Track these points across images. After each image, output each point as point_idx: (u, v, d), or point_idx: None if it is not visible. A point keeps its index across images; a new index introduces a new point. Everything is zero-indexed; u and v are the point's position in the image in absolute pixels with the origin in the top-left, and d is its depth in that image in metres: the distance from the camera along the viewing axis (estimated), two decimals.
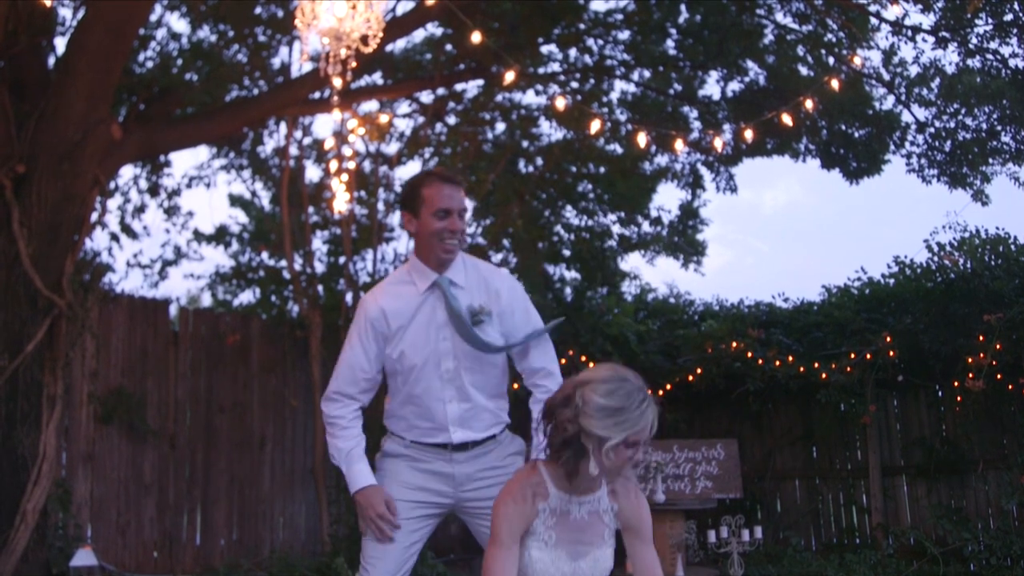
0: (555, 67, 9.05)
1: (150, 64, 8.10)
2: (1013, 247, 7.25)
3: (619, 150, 9.32)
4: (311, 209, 8.85)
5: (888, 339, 7.30)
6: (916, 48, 7.69)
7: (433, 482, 2.90)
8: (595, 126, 5.74)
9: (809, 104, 5.76)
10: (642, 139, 5.65)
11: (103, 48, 6.09)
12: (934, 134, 8.05)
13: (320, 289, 8.85)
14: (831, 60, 7.81)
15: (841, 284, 8.40)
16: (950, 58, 7.70)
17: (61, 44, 6.94)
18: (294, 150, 8.86)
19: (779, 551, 7.44)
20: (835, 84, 5.77)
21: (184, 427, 7.68)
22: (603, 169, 9.57)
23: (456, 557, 7.89)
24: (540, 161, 9.41)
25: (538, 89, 8.92)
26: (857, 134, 8.29)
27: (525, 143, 9.44)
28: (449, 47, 8.60)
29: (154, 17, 7.90)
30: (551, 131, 9.36)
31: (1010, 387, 6.92)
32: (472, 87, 9.11)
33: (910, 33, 7.40)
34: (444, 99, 9.09)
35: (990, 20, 7.01)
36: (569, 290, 10.15)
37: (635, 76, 8.97)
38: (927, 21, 7.34)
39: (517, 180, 9.29)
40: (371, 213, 9.00)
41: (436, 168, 5.15)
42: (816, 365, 7.45)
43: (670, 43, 8.59)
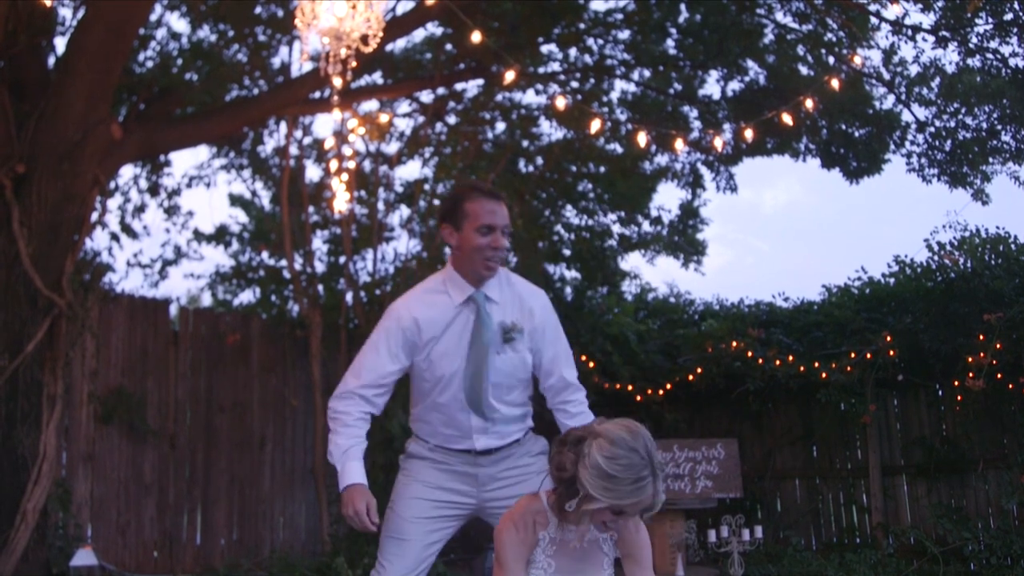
0: (555, 67, 9.05)
1: (150, 64, 8.10)
2: (1013, 246, 7.24)
3: (619, 150, 9.32)
4: (311, 209, 8.84)
5: (888, 338, 7.29)
6: (916, 47, 7.70)
7: (456, 482, 2.90)
8: (595, 126, 5.74)
9: (809, 103, 5.76)
10: (642, 139, 5.64)
11: (103, 48, 6.09)
12: (934, 133, 8.04)
13: (320, 289, 8.85)
14: (831, 59, 7.81)
15: (841, 284, 8.39)
16: (950, 57, 7.70)
17: (61, 44, 6.95)
18: (294, 150, 8.86)
19: (779, 551, 7.44)
20: (835, 83, 5.76)
21: (184, 427, 7.69)
22: (603, 169, 9.56)
23: (456, 557, 7.88)
24: (540, 161, 9.40)
25: (538, 89, 8.93)
26: (857, 133, 8.28)
27: (525, 143, 9.44)
28: (449, 47, 8.60)
29: (154, 17, 7.90)
30: (551, 131, 9.36)
31: (1010, 386, 6.91)
32: (472, 87, 9.12)
33: (910, 32, 7.40)
34: (444, 99, 9.09)
35: (990, 19, 7.00)
36: (569, 290, 10.14)
37: (635, 76, 8.97)
38: (927, 20, 7.34)
39: (517, 180, 9.28)
40: (371, 213, 8.99)
41: (479, 182, 5.09)
42: (816, 364, 7.45)
43: (670, 43, 8.59)
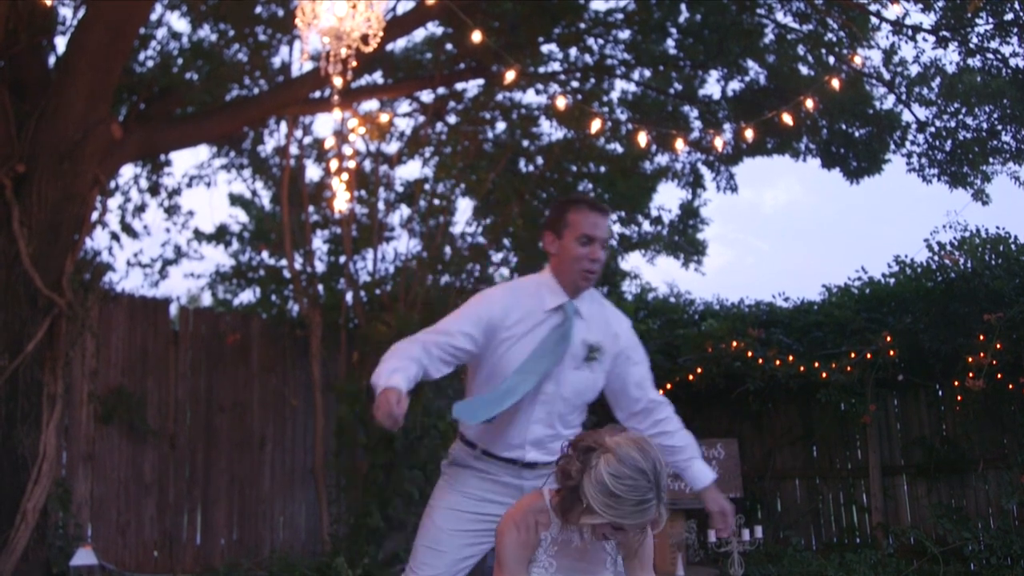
0: (555, 66, 9.05)
1: (150, 63, 8.09)
2: (1013, 246, 7.25)
3: (619, 149, 9.32)
4: (311, 208, 8.85)
5: (888, 338, 7.29)
6: (916, 47, 7.70)
7: (497, 495, 2.83)
8: (595, 125, 5.73)
9: (809, 103, 5.76)
10: (642, 138, 5.64)
11: (103, 47, 6.08)
12: (934, 133, 8.04)
13: (320, 288, 8.86)
14: (831, 59, 7.81)
15: (841, 283, 8.39)
16: (950, 57, 7.69)
17: (61, 44, 6.93)
18: (294, 149, 8.86)
19: (779, 550, 7.44)
20: (835, 83, 5.76)
21: (184, 427, 7.69)
22: (603, 168, 9.56)
23: None
24: (540, 160, 9.40)
25: (538, 88, 8.93)
26: (857, 133, 8.28)
27: (525, 142, 9.44)
28: (449, 46, 8.60)
29: (154, 16, 7.89)
30: (551, 130, 9.37)
31: (1010, 386, 6.92)
32: (472, 86, 9.12)
33: (910, 32, 7.40)
34: (444, 98, 9.09)
35: (990, 19, 7.00)
36: None
37: (635, 75, 8.97)
38: (927, 20, 7.34)
39: (517, 179, 9.28)
40: (371, 212, 9.00)
41: (586, 194, 5.04)
42: (816, 364, 7.44)
43: (670, 42, 8.59)
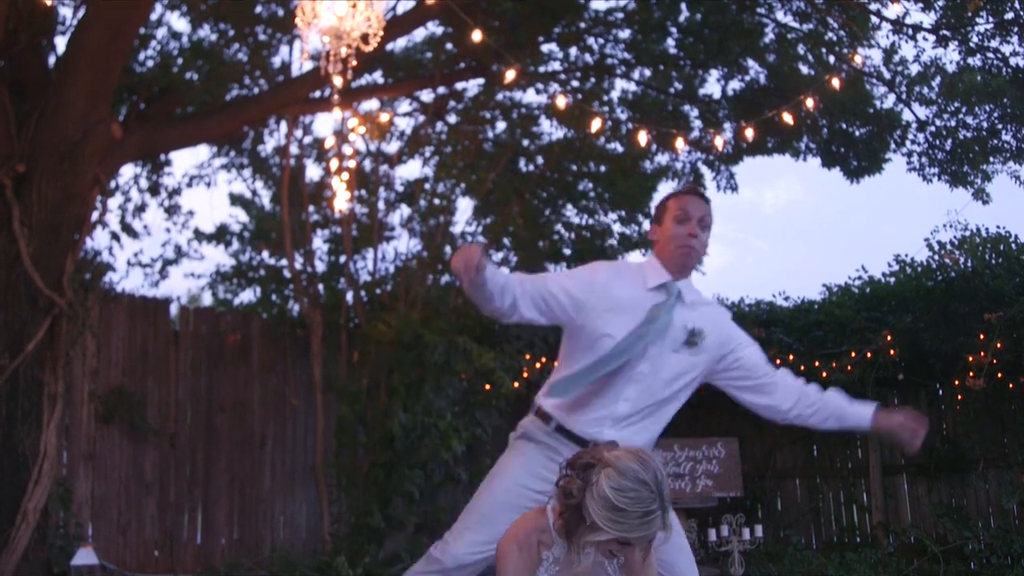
0: (555, 66, 9.05)
1: (150, 63, 8.09)
2: (1014, 246, 7.25)
3: (620, 149, 9.32)
4: (311, 208, 8.85)
5: (889, 338, 7.29)
6: (917, 47, 7.70)
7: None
8: (596, 125, 5.73)
9: (810, 103, 5.75)
10: (643, 138, 5.64)
11: (103, 47, 6.08)
12: (935, 133, 8.04)
13: (321, 288, 8.86)
14: (832, 59, 7.81)
15: (842, 283, 8.37)
16: (951, 57, 7.69)
17: (61, 43, 6.93)
18: (294, 149, 8.86)
19: (780, 550, 7.44)
20: (836, 83, 5.75)
21: (185, 426, 7.68)
22: (604, 168, 9.56)
23: None
24: (541, 160, 9.40)
25: (539, 88, 8.93)
26: (858, 133, 8.28)
27: (526, 142, 9.44)
28: (449, 46, 8.59)
29: (154, 16, 7.89)
30: (552, 130, 9.36)
31: (1011, 386, 6.92)
32: (473, 86, 9.11)
33: (911, 32, 7.40)
34: (445, 98, 9.09)
35: (991, 18, 7.00)
36: None
37: (636, 75, 8.97)
38: (928, 20, 7.34)
39: (518, 179, 9.28)
40: (371, 212, 9.00)
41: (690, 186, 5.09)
42: (817, 364, 7.44)
43: (671, 42, 8.58)
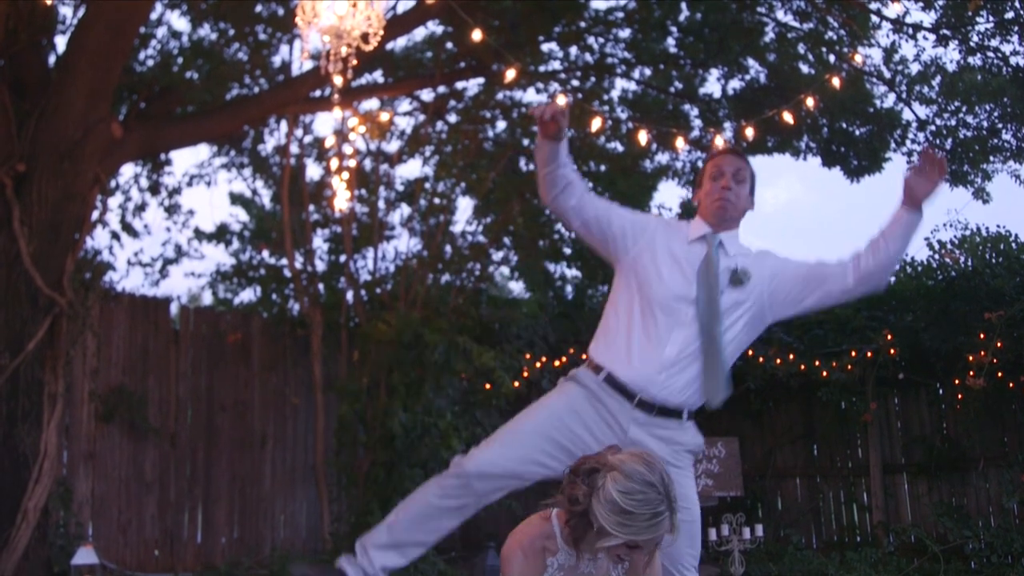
0: (556, 65, 9.04)
1: (151, 63, 8.08)
2: (1014, 245, 7.27)
3: (620, 148, 9.31)
4: (312, 207, 8.84)
5: (889, 337, 7.29)
6: (917, 46, 7.71)
7: (597, 426, 2.76)
8: (596, 124, 5.71)
9: (810, 102, 5.73)
10: (643, 137, 5.62)
11: (103, 47, 6.07)
12: (935, 132, 8.03)
13: (321, 287, 8.86)
14: (832, 58, 7.80)
15: None
16: (951, 56, 7.69)
17: (61, 43, 6.92)
18: (295, 148, 8.85)
19: (780, 549, 7.44)
20: (836, 82, 5.74)
21: (185, 425, 7.69)
22: (604, 167, 9.55)
23: (457, 555, 7.89)
24: None
25: (539, 87, 8.92)
26: (858, 132, 8.27)
27: (526, 141, 9.42)
28: (450, 45, 8.59)
29: (154, 15, 7.88)
30: None
31: (1011, 385, 6.93)
32: (473, 85, 9.10)
33: (911, 31, 7.40)
34: (445, 97, 9.08)
35: (991, 18, 7.00)
36: (570, 288, 10.13)
37: (636, 74, 8.96)
38: (928, 19, 7.35)
39: (518, 178, 9.27)
40: (372, 211, 8.99)
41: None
42: (817, 363, 7.45)
43: (671, 41, 8.58)
